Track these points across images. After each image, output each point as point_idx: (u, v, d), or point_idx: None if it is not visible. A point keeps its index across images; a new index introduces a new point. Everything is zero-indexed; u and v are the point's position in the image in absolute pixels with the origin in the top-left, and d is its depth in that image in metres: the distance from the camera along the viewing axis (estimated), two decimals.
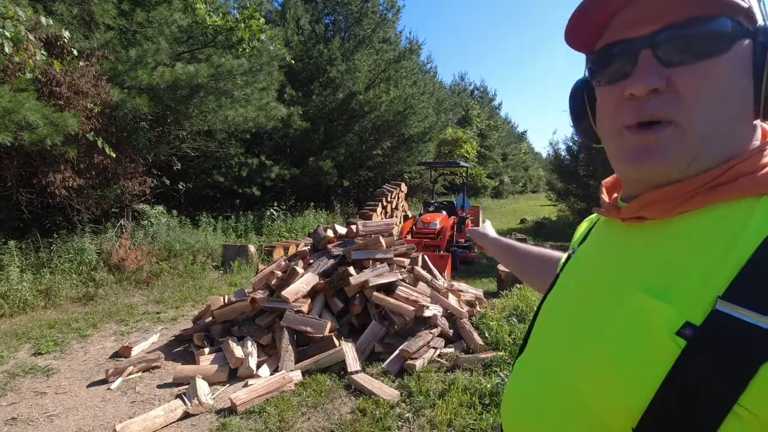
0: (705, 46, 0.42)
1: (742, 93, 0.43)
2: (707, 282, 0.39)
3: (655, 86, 0.42)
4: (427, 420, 2.54)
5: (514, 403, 0.56)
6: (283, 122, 9.06)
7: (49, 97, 5.05)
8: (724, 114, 0.43)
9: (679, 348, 0.38)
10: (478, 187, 21.32)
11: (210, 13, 6.50)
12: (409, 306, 3.46)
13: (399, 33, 13.66)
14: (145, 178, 6.55)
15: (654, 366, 0.38)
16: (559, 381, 0.49)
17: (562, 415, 0.47)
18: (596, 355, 0.44)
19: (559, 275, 0.63)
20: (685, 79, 0.42)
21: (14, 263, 4.79)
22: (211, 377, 3.00)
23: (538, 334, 0.59)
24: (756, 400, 0.34)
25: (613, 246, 0.52)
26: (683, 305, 0.39)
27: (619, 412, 0.40)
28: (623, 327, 0.43)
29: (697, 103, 0.42)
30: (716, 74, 0.42)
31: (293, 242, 7.32)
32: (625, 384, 0.40)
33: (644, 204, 0.47)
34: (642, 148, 0.44)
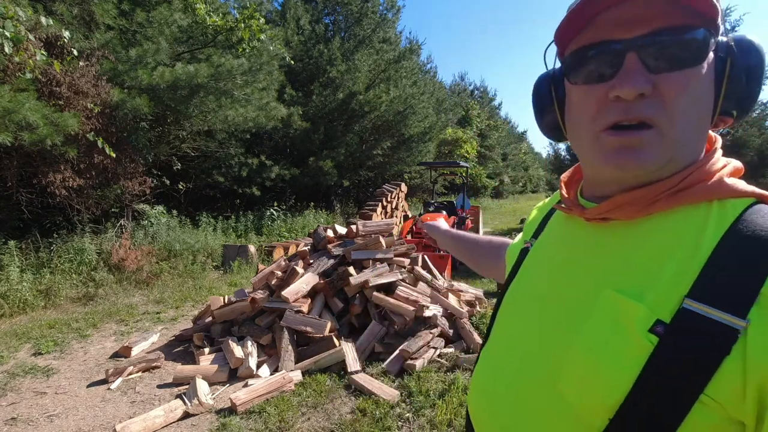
0: (687, 54, 0.43)
1: (707, 101, 0.46)
2: (675, 282, 0.42)
3: (643, 91, 0.43)
4: (427, 420, 2.54)
5: (485, 397, 0.57)
6: (283, 122, 9.05)
7: (49, 97, 5.05)
8: (696, 121, 0.46)
9: (651, 345, 0.41)
10: (478, 187, 21.31)
11: (210, 13, 6.50)
12: (409, 306, 3.46)
13: (399, 33, 13.67)
14: (145, 178, 6.54)
15: (630, 362, 0.41)
16: (534, 376, 0.50)
17: (539, 409, 0.49)
18: (574, 352, 0.46)
19: (518, 268, 0.64)
20: (668, 86, 0.44)
21: (14, 263, 4.79)
22: (211, 377, 3.00)
23: (505, 326, 0.60)
24: (720, 390, 0.38)
25: (580, 244, 0.54)
26: (654, 304, 0.42)
27: (598, 405, 0.43)
28: (599, 325, 0.45)
29: (678, 109, 0.44)
30: (695, 82, 0.44)
31: (293, 242, 7.32)
32: (604, 379, 0.43)
33: (613, 206, 0.48)
34: (625, 148, 0.46)
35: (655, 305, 0.42)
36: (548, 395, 0.48)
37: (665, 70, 0.44)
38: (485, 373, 0.60)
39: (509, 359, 0.55)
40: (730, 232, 0.43)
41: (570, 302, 0.50)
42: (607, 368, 0.43)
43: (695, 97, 0.45)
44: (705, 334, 0.39)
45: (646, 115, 0.44)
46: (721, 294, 0.40)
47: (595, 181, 0.54)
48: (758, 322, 0.38)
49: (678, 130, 0.45)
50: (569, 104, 0.53)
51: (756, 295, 0.38)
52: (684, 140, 0.46)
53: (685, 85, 0.44)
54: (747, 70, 0.45)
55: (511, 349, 0.56)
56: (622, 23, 0.45)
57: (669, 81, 0.44)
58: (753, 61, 0.45)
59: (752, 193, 0.47)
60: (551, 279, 0.55)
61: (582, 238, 0.54)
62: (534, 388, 0.50)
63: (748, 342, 0.37)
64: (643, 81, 0.43)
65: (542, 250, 0.62)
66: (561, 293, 0.52)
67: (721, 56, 0.46)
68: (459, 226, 7.65)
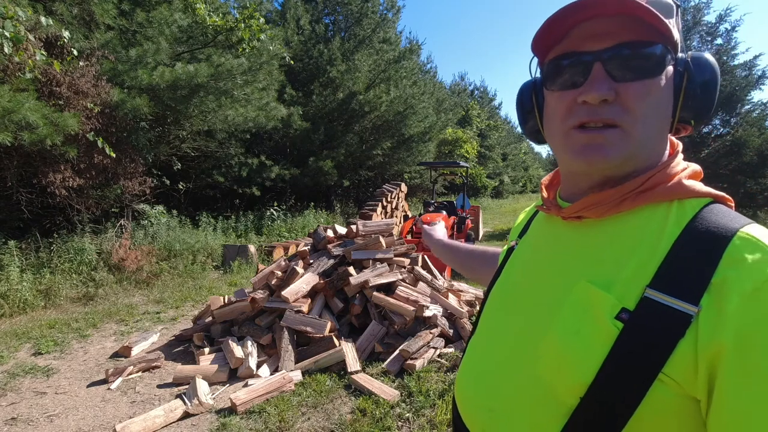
0: (647, 66, 0.49)
1: (666, 109, 0.52)
2: (638, 273, 0.47)
3: (606, 97, 0.49)
4: (427, 420, 2.54)
5: (473, 384, 0.62)
6: (283, 122, 9.05)
7: (49, 97, 5.05)
8: (656, 125, 0.51)
9: (617, 330, 0.46)
10: (478, 187, 21.32)
11: (210, 13, 6.50)
12: (409, 306, 3.46)
13: (399, 33, 13.64)
14: (145, 178, 6.54)
15: (597, 346, 0.47)
16: (516, 360, 0.55)
17: (521, 391, 0.53)
18: (550, 337, 0.51)
19: (504, 265, 0.70)
20: (629, 93, 0.49)
21: (14, 263, 4.79)
22: (211, 377, 3.00)
23: (491, 319, 0.65)
24: (676, 369, 0.43)
25: (557, 240, 0.59)
26: (620, 294, 0.47)
27: (570, 384, 0.48)
28: (572, 313, 0.50)
29: (639, 113, 0.50)
30: (653, 91, 0.50)
31: (293, 242, 7.32)
32: (575, 361, 0.48)
33: (585, 206, 0.54)
34: (591, 144, 0.51)
35: (621, 294, 0.47)
36: (528, 377, 0.53)
37: (627, 79, 0.49)
38: (472, 362, 0.64)
39: (494, 347, 0.60)
40: (687, 228, 0.48)
41: (548, 293, 0.55)
42: (577, 351, 0.48)
43: (654, 104, 0.50)
44: (663, 319, 0.44)
45: (609, 118, 0.50)
46: (677, 284, 0.45)
47: (569, 178, 0.60)
48: (708, 308, 0.42)
49: (640, 132, 0.50)
50: (546, 109, 0.58)
51: (707, 285, 0.43)
52: (644, 140, 0.51)
53: (645, 93, 0.49)
54: (702, 84, 0.51)
55: (495, 339, 0.61)
56: (591, 36, 0.50)
57: (630, 89, 0.49)
58: (708, 76, 0.51)
59: (708, 193, 0.52)
60: (533, 273, 0.60)
61: (559, 236, 0.59)
62: (516, 371, 0.54)
63: (699, 326, 0.42)
64: (606, 88, 0.49)
65: (525, 248, 0.67)
66: (541, 285, 0.57)
67: (680, 71, 0.52)
68: (459, 225, 7.65)
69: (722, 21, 10.36)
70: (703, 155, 10.65)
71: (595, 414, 0.46)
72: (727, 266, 0.43)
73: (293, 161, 10.50)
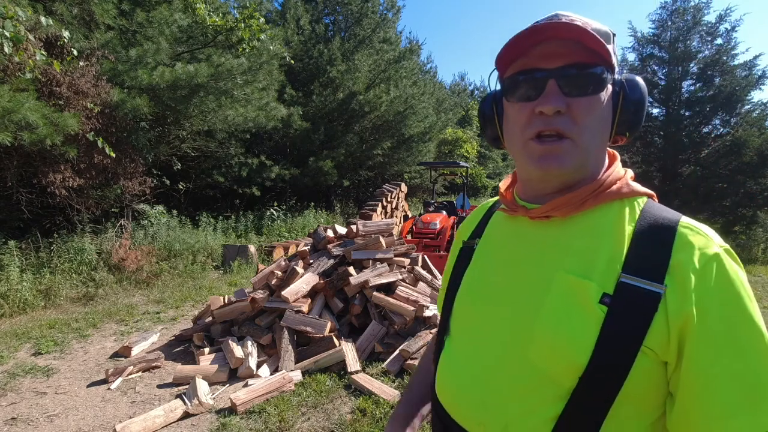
0: (591, 85, 0.57)
1: (607, 122, 0.60)
2: (611, 262, 0.55)
3: (559, 109, 0.56)
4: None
5: (461, 379, 0.65)
6: (283, 122, 9.05)
7: (49, 97, 5.05)
8: (599, 136, 0.60)
9: (603, 312, 0.53)
10: (478, 187, 21.32)
11: (210, 13, 6.49)
12: (409, 306, 3.46)
13: (399, 33, 13.65)
14: (145, 178, 6.54)
15: (589, 328, 0.53)
16: (508, 351, 0.60)
17: (515, 379, 0.58)
18: (539, 325, 0.57)
19: (464, 264, 0.74)
20: (578, 107, 0.57)
21: (14, 263, 4.79)
22: (211, 377, 3.00)
23: (468, 317, 0.68)
24: (654, 340, 0.51)
25: (525, 237, 0.65)
26: (600, 280, 0.54)
27: (569, 367, 0.53)
28: (558, 301, 0.56)
29: (586, 126, 0.58)
30: (597, 106, 0.58)
31: (293, 242, 7.32)
32: (570, 344, 0.53)
33: (553, 207, 0.61)
34: (547, 155, 0.58)
35: (601, 281, 0.54)
36: (522, 366, 0.58)
37: (576, 95, 0.57)
38: (456, 361, 0.67)
39: (480, 343, 0.64)
40: (640, 221, 0.57)
41: (528, 285, 0.61)
42: (570, 335, 0.54)
43: (598, 118, 0.58)
44: (639, 299, 0.52)
45: (561, 128, 0.57)
46: (645, 268, 0.53)
47: (528, 183, 0.67)
48: (672, 286, 0.51)
49: (588, 142, 0.58)
50: (506, 118, 0.66)
51: (667, 266, 0.52)
52: (591, 149, 0.59)
53: (590, 108, 0.57)
54: (634, 102, 0.60)
55: (479, 335, 0.65)
56: (546, 56, 0.58)
57: (579, 104, 0.57)
58: (638, 96, 0.60)
59: (644, 192, 0.62)
60: (507, 269, 0.65)
61: (527, 234, 0.65)
62: (508, 362, 0.59)
63: (667, 302, 0.51)
64: (559, 101, 0.56)
65: (490, 247, 0.72)
66: (519, 279, 0.63)
67: (617, 90, 0.60)
68: (459, 226, 7.64)
69: (722, 21, 10.36)
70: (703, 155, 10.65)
71: (593, 391, 0.53)
72: (679, 250, 0.53)
73: (293, 161, 10.50)
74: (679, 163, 10.91)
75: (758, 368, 0.49)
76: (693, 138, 10.79)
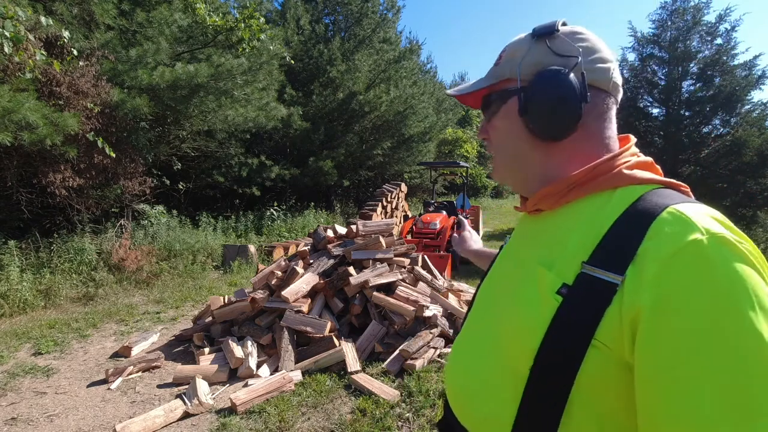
0: (490, 111, 0.68)
1: (516, 131, 0.64)
2: (577, 252, 0.54)
3: (482, 137, 0.72)
4: (427, 420, 2.54)
5: (453, 368, 0.70)
6: (283, 122, 9.04)
7: (49, 97, 5.05)
8: (512, 146, 0.66)
9: (557, 303, 0.52)
10: (478, 187, 21.32)
11: (210, 13, 6.49)
12: (409, 306, 3.46)
13: (399, 33, 13.64)
14: (145, 178, 6.54)
15: (541, 317, 0.53)
16: (484, 339, 0.63)
17: (487, 366, 0.61)
18: (509, 312, 0.59)
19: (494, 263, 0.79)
20: (489, 131, 0.70)
21: (14, 263, 4.79)
22: (211, 377, 3.00)
23: (473, 311, 0.73)
24: (606, 334, 0.48)
25: (525, 232, 0.70)
26: (561, 271, 0.54)
27: (523, 354, 0.54)
28: (523, 291, 0.58)
29: (494, 143, 0.69)
30: (497, 125, 0.68)
31: (293, 242, 7.32)
32: (524, 333, 0.54)
33: (537, 199, 0.64)
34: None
35: (562, 271, 0.54)
36: (493, 353, 0.60)
37: (488, 121, 0.70)
38: (455, 352, 0.72)
39: (471, 335, 0.69)
40: (627, 211, 0.53)
41: (510, 278, 0.64)
42: (525, 323, 0.54)
43: (502, 132, 0.67)
44: (594, 290, 0.50)
45: (489, 150, 0.71)
46: (608, 258, 0.50)
47: None
48: (632, 276, 0.47)
49: (498, 154, 0.69)
50: None
51: (633, 256, 0.48)
52: (507, 159, 0.68)
53: (493, 128, 0.69)
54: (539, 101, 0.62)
55: (473, 327, 0.70)
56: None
57: (489, 128, 0.70)
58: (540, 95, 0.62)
59: (651, 180, 0.58)
60: (507, 264, 0.70)
61: (527, 228, 0.69)
62: (484, 350, 0.63)
63: (624, 293, 0.47)
64: (480, 132, 0.73)
65: (508, 245, 0.77)
66: (507, 273, 0.67)
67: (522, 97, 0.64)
68: (459, 226, 7.64)
69: (722, 21, 10.35)
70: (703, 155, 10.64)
71: (543, 383, 0.52)
72: (649, 238, 0.48)
73: (293, 161, 10.50)
74: (679, 163, 10.90)
75: (737, 379, 0.40)
76: (693, 138, 10.79)
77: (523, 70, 0.62)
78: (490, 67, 0.71)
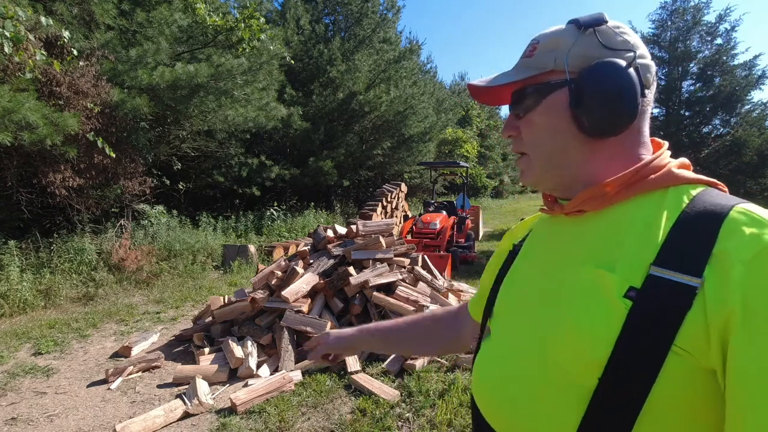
0: (525, 105, 0.63)
1: (557, 129, 0.61)
2: (642, 253, 0.51)
3: (508, 134, 0.67)
4: (427, 420, 2.54)
5: (492, 380, 0.64)
6: (283, 122, 9.05)
7: (49, 97, 5.05)
8: (552, 143, 0.62)
9: (626, 307, 0.48)
10: (478, 187, 21.32)
11: (210, 13, 6.50)
12: (409, 306, 3.46)
13: (399, 33, 13.64)
14: (145, 178, 6.54)
15: (610, 323, 0.49)
16: (532, 351, 0.58)
17: (538, 379, 0.56)
18: (561, 321, 0.54)
19: (507, 269, 0.75)
20: (523, 127, 0.65)
21: (14, 263, 4.79)
22: (211, 377, 3.00)
23: (504, 319, 0.68)
24: (687, 340, 0.45)
25: (561, 235, 0.65)
26: (626, 273, 0.50)
27: (587, 366, 0.50)
28: (580, 295, 0.54)
29: (530, 140, 0.64)
30: (536, 120, 0.62)
31: (293, 242, 7.32)
32: (589, 341, 0.50)
33: (583, 199, 0.60)
34: (520, 171, 0.68)
35: (627, 274, 0.50)
36: (545, 365, 0.55)
37: (521, 117, 0.64)
38: (491, 362, 0.67)
39: (511, 344, 0.63)
40: (686, 210, 0.52)
41: (555, 282, 0.59)
42: (590, 331, 0.50)
43: (543, 128, 0.62)
44: (669, 294, 0.47)
45: (518, 148, 0.66)
46: (680, 260, 0.48)
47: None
48: (711, 279, 0.45)
49: (535, 153, 0.63)
50: None
51: (708, 258, 0.46)
52: (545, 158, 0.63)
53: (530, 124, 0.63)
54: (595, 94, 0.57)
55: (512, 335, 0.64)
56: (509, 96, 0.68)
57: (522, 124, 0.65)
58: (596, 86, 0.58)
59: (700, 180, 0.57)
60: (541, 267, 0.65)
61: (563, 231, 0.65)
62: (533, 362, 0.57)
63: (706, 297, 0.45)
64: (507, 129, 0.67)
65: (531, 249, 0.72)
66: (549, 276, 0.62)
67: (573, 90, 0.60)
68: (459, 226, 7.65)
69: (722, 21, 10.36)
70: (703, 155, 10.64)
71: (615, 393, 0.48)
72: (725, 238, 0.46)
73: (293, 161, 10.50)
74: None
75: None
76: (693, 138, 10.79)
77: (571, 62, 0.59)
78: (517, 60, 0.66)
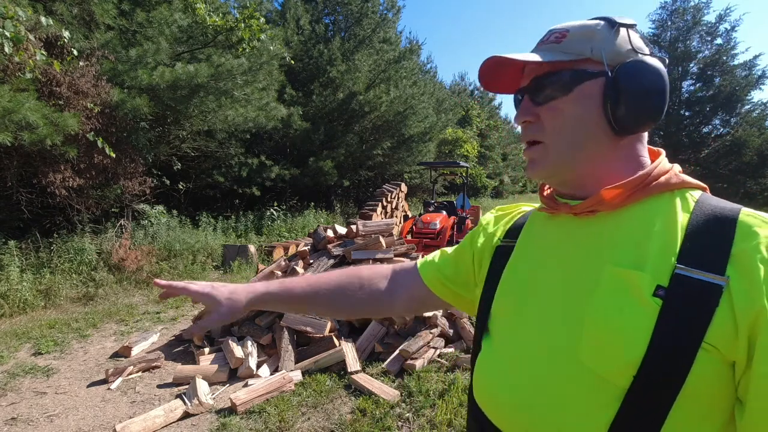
0: (555, 90, 0.60)
1: (585, 121, 0.59)
2: (664, 253, 0.52)
3: (524, 120, 0.63)
4: (427, 420, 2.54)
5: (504, 384, 0.62)
6: (283, 122, 9.04)
7: (49, 97, 5.05)
8: (575, 134, 0.60)
9: (657, 306, 0.50)
10: (478, 187, 21.32)
11: (210, 13, 6.50)
12: None
13: (399, 33, 13.63)
14: (145, 178, 6.54)
15: (644, 323, 0.50)
16: (556, 353, 0.57)
17: (564, 381, 0.55)
18: (589, 323, 0.54)
19: (500, 267, 0.71)
20: (544, 114, 0.61)
21: (14, 263, 4.79)
22: (211, 377, 3.00)
23: (511, 320, 0.66)
24: (716, 337, 0.47)
25: (571, 234, 0.64)
26: (653, 272, 0.52)
27: (621, 365, 0.51)
28: (608, 295, 0.54)
29: (554, 129, 0.61)
30: (565, 108, 0.60)
31: (293, 242, 7.31)
32: (623, 341, 0.51)
33: (597, 200, 0.59)
34: (528, 161, 0.64)
35: (654, 273, 0.51)
36: (571, 366, 0.55)
37: (542, 102, 0.61)
38: (499, 361, 0.65)
39: (528, 345, 0.61)
40: (695, 212, 0.55)
41: (576, 283, 0.59)
42: (623, 331, 0.51)
43: (569, 118, 0.60)
44: (697, 292, 0.49)
45: (532, 136, 0.63)
46: (703, 259, 0.50)
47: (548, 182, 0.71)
48: (735, 277, 0.48)
49: (557, 142, 0.61)
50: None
51: (728, 257, 0.49)
52: (565, 149, 0.61)
53: (555, 112, 0.60)
54: (630, 92, 0.57)
55: (527, 336, 0.62)
56: (526, 75, 0.65)
57: (544, 110, 0.61)
58: (634, 85, 0.57)
59: (696, 184, 0.60)
60: (555, 267, 0.63)
61: (574, 231, 0.64)
62: (558, 364, 0.56)
63: (732, 294, 0.47)
64: (526, 113, 0.63)
65: (531, 246, 0.70)
66: (567, 277, 0.60)
67: (610, 81, 0.58)
68: (459, 225, 7.65)
69: (722, 21, 10.37)
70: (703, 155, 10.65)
71: (649, 391, 0.49)
72: (741, 239, 0.50)
73: (293, 161, 10.50)
74: (679, 163, 10.85)
75: None
76: (693, 138, 10.80)
77: (608, 55, 0.58)
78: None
